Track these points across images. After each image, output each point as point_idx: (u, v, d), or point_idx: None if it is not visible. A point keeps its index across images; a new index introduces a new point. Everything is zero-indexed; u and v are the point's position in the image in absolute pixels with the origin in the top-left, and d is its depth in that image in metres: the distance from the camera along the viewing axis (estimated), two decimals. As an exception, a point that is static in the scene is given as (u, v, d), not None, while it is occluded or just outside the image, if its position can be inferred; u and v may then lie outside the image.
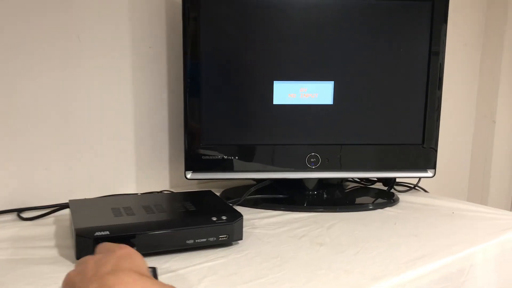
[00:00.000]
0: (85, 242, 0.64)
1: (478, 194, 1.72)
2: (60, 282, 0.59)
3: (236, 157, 0.97)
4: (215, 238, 0.71)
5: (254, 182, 1.07)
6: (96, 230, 0.65)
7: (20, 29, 0.87)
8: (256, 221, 0.87)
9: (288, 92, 0.95)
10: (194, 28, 0.93)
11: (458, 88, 1.62)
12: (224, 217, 0.72)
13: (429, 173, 1.02)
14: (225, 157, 0.97)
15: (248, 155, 0.98)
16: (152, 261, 0.66)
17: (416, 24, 0.98)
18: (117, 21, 0.98)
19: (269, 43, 0.95)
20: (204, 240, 0.70)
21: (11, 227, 0.80)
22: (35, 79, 0.90)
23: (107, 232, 0.65)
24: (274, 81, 0.95)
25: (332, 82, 0.96)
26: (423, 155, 1.01)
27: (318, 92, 0.96)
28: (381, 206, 0.98)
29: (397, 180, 1.11)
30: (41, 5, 0.88)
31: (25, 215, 0.86)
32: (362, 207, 0.97)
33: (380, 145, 1.00)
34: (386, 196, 1.05)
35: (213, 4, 0.93)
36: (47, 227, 0.81)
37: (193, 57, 0.94)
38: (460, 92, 1.65)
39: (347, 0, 0.95)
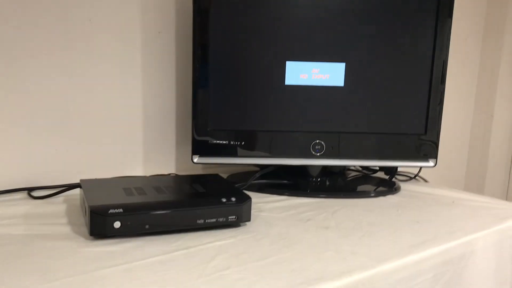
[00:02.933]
0: (99, 219, 0.66)
1: (474, 185, 1.75)
2: (77, 256, 0.61)
3: (243, 143, 0.99)
4: (224, 219, 0.73)
5: (257, 169, 1.08)
6: (110, 207, 0.67)
7: (32, 13, 0.88)
8: (262, 205, 0.89)
9: (300, 73, 0.97)
10: (205, 13, 0.94)
11: (457, 81, 1.64)
12: (233, 199, 0.74)
13: (431, 163, 1.04)
14: (232, 142, 0.99)
15: (255, 141, 1.00)
16: (163, 239, 0.68)
17: (421, 17, 0.99)
18: (128, 6, 0.99)
19: (281, 24, 0.96)
20: (214, 220, 0.72)
21: (23, 205, 0.82)
22: (44, 61, 0.91)
23: (121, 210, 0.67)
24: (287, 61, 0.97)
25: (344, 63, 0.98)
26: (425, 145, 1.03)
27: (330, 73, 0.97)
28: (384, 193, 1.00)
29: (398, 170, 1.13)
30: (54, -14, 0.90)
31: (35, 194, 0.88)
32: (366, 194, 0.99)
33: (383, 134, 1.02)
34: (388, 184, 1.07)
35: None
36: (57, 205, 0.83)
37: (202, 42, 0.95)
38: (460, 86, 1.67)
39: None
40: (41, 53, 0.90)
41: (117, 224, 0.66)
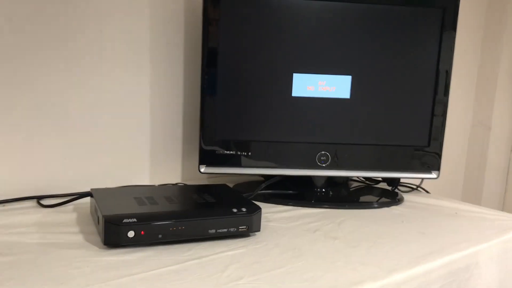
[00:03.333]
0: (113, 228, 0.67)
1: (472, 195, 1.77)
2: (92, 265, 0.62)
3: (249, 153, 1.00)
4: (235, 229, 0.74)
5: (262, 178, 1.10)
6: (124, 217, 0.67)
7: (46, 25, 0.89)
8: (269, 215, 0.90)
9: (307, 85, 0.99)
10: (214, 27, 0.96)
11: (456, 93, 1.67)
12: (244, 209, 0.75)
13: (434, 175, 1.06)
14: (238, 152, 1.00)
15: (261, 152, 1.01)
16: (175, 249, 0.69)
17: (426, 30, 1.02)
18: (138, 16, 1.00)
19: (289, 38, 0.98)
20: (225, 230, 0.73)
21: (33, 213, 0.83)
22: (53, 71, 0.92)
23: (134, 219, 0.68)
24: (294, 73, 0.99)
25: (350, 76, 1.00)
26: (428, 157, 1.05)
27: (336, 86, 0.99)
28: (388, 204, 1.01)
29: (400, 180, 1.15)
30: (67, 4, 0.91)
31: (44, 202, 0.88)
32: (370, 205, 1.00)
33: (387, 146, 1.04)
34: (391, 195, 1.09)
35: (234, 4, 0.96)
36: (68, 214, 0.84)
37: (211, 54, 0.96)
38: (458, 97, 1.69)
39: (363, 4, 0.99)
40: (50, 62, 0.91)
41: (131, 234, 0.67)
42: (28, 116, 0.90)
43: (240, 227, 0.74)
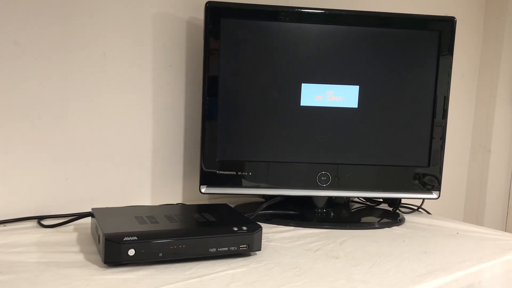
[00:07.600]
0: (114, 247, 0.66)
1: (473, 216, 1.76)
2: (92, 284, 0.61)
3: (250, 173, 1.00)
4: (235, 248, 0.74)
5: (263, 200, 1.09)
6: (125, 235, 0.67)
7: (48, 43, 0.91)
8: (270, 235, 0.90)
9: (315, 94, 1.00)
10: (215, 49, 0.97)
11: (455, 116, 1.68)
12: (244, 228, 0.75)
13: (434, 195, 1.06)
14: (239, 173, 1.00)
15: (262, 172, 1.01)
16: (176, 268, 0.69)
17: (424, 53, 1.03)
18: (140, 40, 1.02)
19: (293, 54, 1.00)
20: (226, 249, 0.73)
21: (34, 233, 0.82)
22: (59, 93, 0.93)
23: (135, 238, 0.67)
24: (302, 83, 1.00)
25: (358, 86, 1.01)
26: (428, 177, 1.05)
27: (344, 95, 1.01)
28: (389, 225, 1.01)
29: (401, 202, 1.15)
30: (72, 27, 0.93)
31: (45, 222, 0.88)
32: (371, 225, 1.00)
33: (388, 166, 1.04)
34: (392, 216, 1.08)
35: (234, 27, 0.98)
36: (68, 234, 0.84)
37: (212, 74, 0.98)
38: (457, 120, 1.70)
39: (364, 28, 1.01)
40: (51, 88, 0.92)
41: (131, 252, 0.67)
42: (30, 138, 0.91)
43: (241, 246, 0.74)
